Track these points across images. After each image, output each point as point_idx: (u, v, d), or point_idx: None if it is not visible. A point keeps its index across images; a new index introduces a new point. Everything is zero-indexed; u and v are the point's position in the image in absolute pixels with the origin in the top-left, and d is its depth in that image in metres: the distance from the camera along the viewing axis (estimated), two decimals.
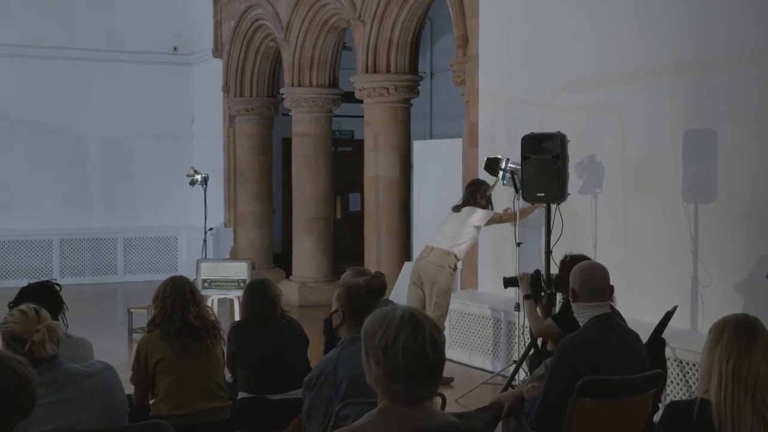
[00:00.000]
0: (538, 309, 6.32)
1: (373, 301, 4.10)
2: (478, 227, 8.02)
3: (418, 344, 2.57)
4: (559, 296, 6.37)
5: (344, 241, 14.97)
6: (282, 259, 14.83)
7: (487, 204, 8.06)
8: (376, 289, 4.12)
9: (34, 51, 14.32)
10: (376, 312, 2.75)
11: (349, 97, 12.90)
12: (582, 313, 4.40)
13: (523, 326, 7.52)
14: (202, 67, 15.35)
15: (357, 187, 15.91)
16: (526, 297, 6.30)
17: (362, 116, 11.22)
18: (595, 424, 4.20)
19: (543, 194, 6.73)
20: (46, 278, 13.68)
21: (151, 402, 4.93)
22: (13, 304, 4.56)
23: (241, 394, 5.32)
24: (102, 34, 14.80)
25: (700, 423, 3.04)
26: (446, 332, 8.98)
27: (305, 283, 12.45)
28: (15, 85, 14.40)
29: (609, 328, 4.34)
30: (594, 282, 4.39)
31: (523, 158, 6.84)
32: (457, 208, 8.12)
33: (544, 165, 6.72)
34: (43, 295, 4.59)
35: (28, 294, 4.61)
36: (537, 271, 6.38)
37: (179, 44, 15.46)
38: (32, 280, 4.87)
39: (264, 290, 5.37)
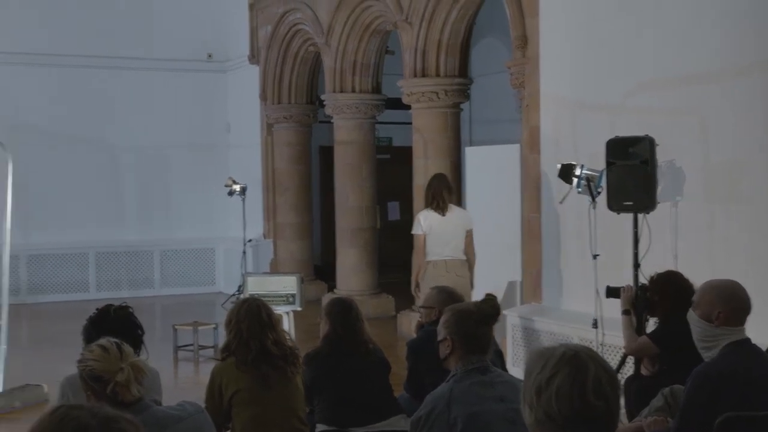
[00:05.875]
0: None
1: (486, 327, 3.67)
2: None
3: (576, 388, 2.14)
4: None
5: (386, 252, 14.53)
6: (323, 271, 14.40)
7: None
8: (488, 313, 3.68)
9: (66, 60, 13.95)
10: (537, 348, 2.33)
11: (389, 103, 12.47)
12: (718, 339, 3.86)
13: (601, 345, 7.03)
14: (237, 74, 14.93)
15: (395, 196, 15.51)
16: (624, 312, 5.84)
17: (402, 122, 10.72)
18: None
19: (631, 203, 6.21)
20: (82, 292, 13.10)
21: None
22: (86, 333, 3.98)
23: (320, 427, 4.81)
24: (135, 42, 14.41)
25: None
26: (509, 349, 8.51)
27: (351, 296, 11.94)
28: (47, 95, 14.02)
29: (752, 355, 3.83)
30: (746, 301, 3.88)
31: (608, 164, 6.31)
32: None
33: (631, 171, 6.20)
34: (122, 325, 3.99)
35: (100, 323, 3.99)
36: (642, 286, 5.90)
37: (214, 51, 15.06)
38: (104, 304, 4.19)
39: (345, 311, 4.87)
